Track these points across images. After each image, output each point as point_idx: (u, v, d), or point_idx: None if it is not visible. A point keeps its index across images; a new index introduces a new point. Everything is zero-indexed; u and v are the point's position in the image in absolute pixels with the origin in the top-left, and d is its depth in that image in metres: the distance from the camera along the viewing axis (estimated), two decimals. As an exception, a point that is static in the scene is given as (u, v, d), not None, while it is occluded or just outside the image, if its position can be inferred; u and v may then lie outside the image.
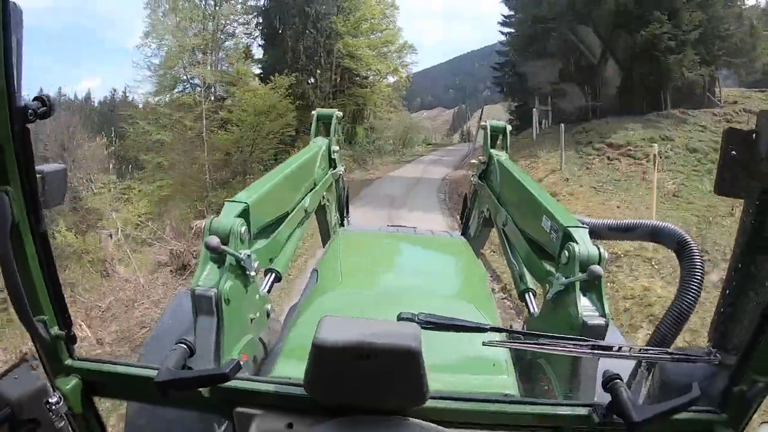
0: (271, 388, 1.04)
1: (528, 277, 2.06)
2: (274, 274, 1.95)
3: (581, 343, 1.10)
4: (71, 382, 1.04)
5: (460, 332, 1.08)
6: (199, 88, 24.16)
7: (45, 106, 0.85)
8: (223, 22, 27.48)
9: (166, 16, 24.87)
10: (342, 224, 3.46)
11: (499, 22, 28.71)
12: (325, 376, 0.90)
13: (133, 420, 1.59)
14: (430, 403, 0.96)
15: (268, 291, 1.88)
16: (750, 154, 1.01)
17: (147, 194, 21.62)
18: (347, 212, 3.62)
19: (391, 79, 32.34)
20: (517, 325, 2.32)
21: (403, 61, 32.03)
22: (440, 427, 0.96)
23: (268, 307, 1.79)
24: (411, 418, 0.96)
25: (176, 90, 25.74)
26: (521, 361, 1.64)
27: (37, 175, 0.91)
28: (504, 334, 1.43)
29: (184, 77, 25.68)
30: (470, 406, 1.04)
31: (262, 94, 21.06)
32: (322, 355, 0.85)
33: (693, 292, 1.33)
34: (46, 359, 1.03)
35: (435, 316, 1.05)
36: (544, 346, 1.11)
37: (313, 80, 28.50)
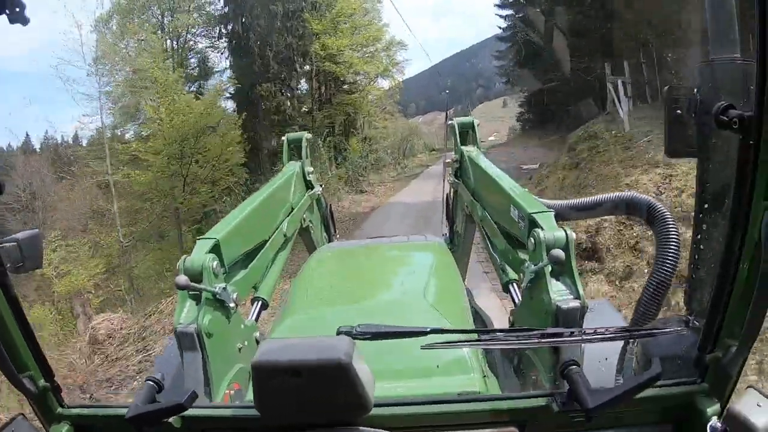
0: (229, 412, 1.09)
1: (509, 268, 2.02)
2: (260, 302, 2.06)
3: (528, 333, 1.09)
4: (63, 429, 1.09)
5: (397, 339, 1.08)
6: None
7: None
8: (186, 36, 23.36)
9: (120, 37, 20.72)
10: (330, 241, 3.44)
11: (496, 5, 25.01)
12: (269, 396, 0.93)
13: None
14: (380, 411, 0.97)
15: (256, 319, 1.98)
16: (695, 110, 0.98)
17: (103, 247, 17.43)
18: (335, 229, 3.61)
19: (384, 84, 28.30)
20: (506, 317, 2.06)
21: (393, 59, 27.69)
22: None
23: (257, 334, 1.84)
24: (360, 427, 0.95)
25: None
26: (516, 356, 1.67)
27: (13, 243, 0.99)
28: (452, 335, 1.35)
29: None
30: (423, 409, 1.03)
31: (186, 108, 16.50)
32: (260, 377, 0.90)
33: (670, 261, 1.33)
34: (38, 410, 1.08)
35: (373, 325, 1.04)
36: (487, 343, 1.13)
37: (289, 91, 24.12)
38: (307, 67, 24.58)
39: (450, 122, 3.12)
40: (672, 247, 1.32)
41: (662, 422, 1.04)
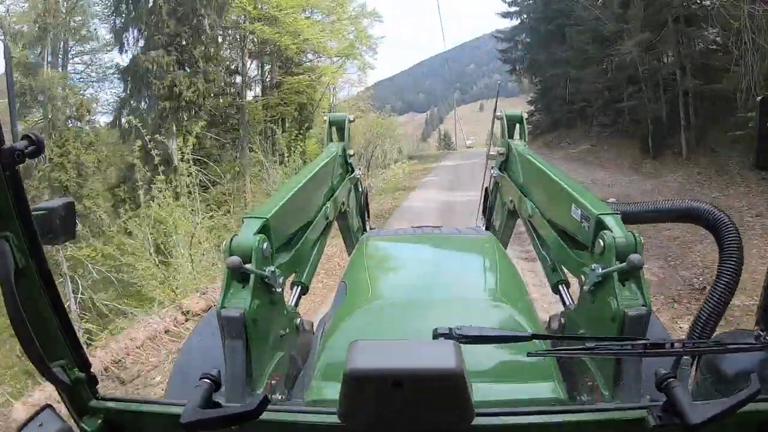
0: (303, 418, 1.00)
1: (559, 268, 1.92)
2: (300, 287, 1.93)
3: (630, 343, 1.05)
4: (96, 424, 1.01)
5: (501, 343, 1.03)
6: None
7: (34, 145, 0.82)
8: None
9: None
10: (364, 229, 3.26)
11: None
12: (361, 406, 0.84)
13: None
14: (478, 421, 0.88)
15: (296, 304, 1.88)
16: None
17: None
18: (368, 216, 3.45)
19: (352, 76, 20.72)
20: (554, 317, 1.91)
21: (363, 33, 19.87)
22: None
23: (298, 321, 1.76)
24: None
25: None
26: (563, 358, 1.57)
27: (44, 212, 0.91)
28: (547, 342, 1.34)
29: None
30: (518, 419, 0.97)
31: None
32: (355, 385, 0.80)
33: (732, 275, 1.29)
34: (69, 403, 1.00)
35: (472, 328, 0.97)
36: (591, 351, 1.05)
37: (194, 63, 15.91)
38: (228, 31, 16.44)
39: (498, 114, 2.95)
40: (735, 258, 1.28)
41: None
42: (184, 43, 15.37)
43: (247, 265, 1.34)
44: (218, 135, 17.21)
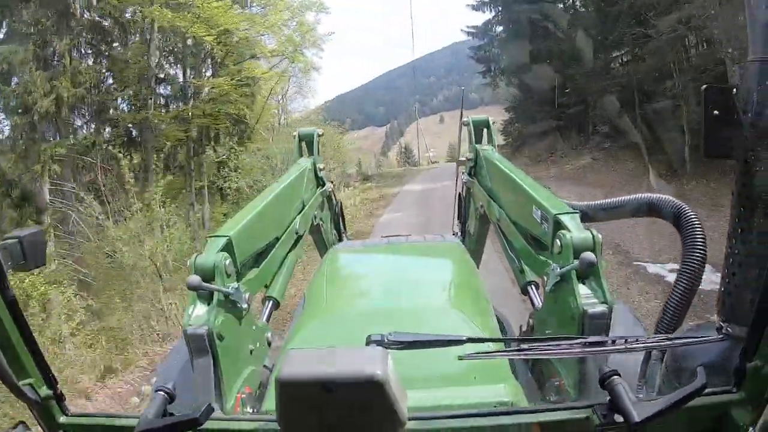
0: (246, 426, 1.03)
1: (528, 270, 1.93)
2: (271, 302, 1.94)
3: (571, 341, 1.06)
4: None
5: (433, 348, 1.04)
6: None
7: None
8: None
9: None
10: (340, 240, 3.35)
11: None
12: (296, 411, 0.85)
13: None
14: (413, 425, 0.91)
15: (267, 319, 1.86)
16: (733, 110, 0.96)
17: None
18: (344, 228, 3.52)
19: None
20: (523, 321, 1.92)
21: (305, 27, 15.72)
22: None
23: (268, 335, 1.75)
24: None
25: None
26: (534, 359, 1.61)
27: (14, 240, 0.96)
28: (487, 343, 1.36)
29: None
30: (459, 423, 0.98)
31: None
32: (287, 392, 0.82)
33: (696, 267, 1.27)
34: (40, 419, 1.02)
35: (406, 334, 0.99)
36: (524, 351, 1.07)
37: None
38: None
39: (465, 120, 3.04)
40: (699, 251, 1.26)
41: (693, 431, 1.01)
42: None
43: (210, 284, 1.37)
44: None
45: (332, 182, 3.22)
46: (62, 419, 1.05)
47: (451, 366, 1.27)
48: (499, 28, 21.73)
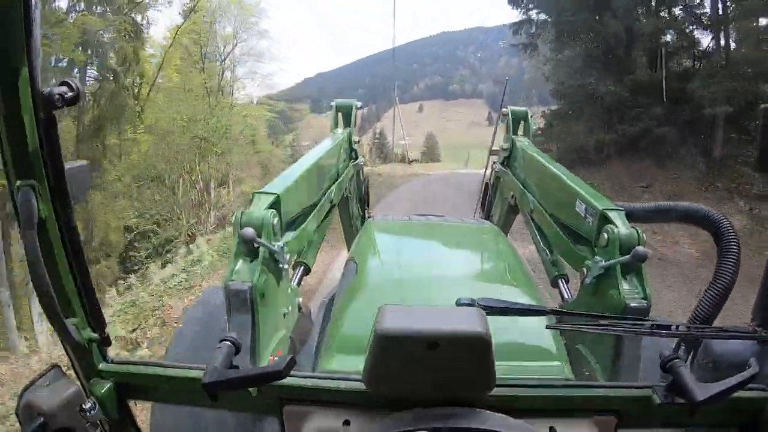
0: (323, 383, 0.98)
1: (559, 263, 1.97)
2: (302, 267, 1.93)
3: (640, 323, 1.06)
4: (105, 387, 0.98)
5: (521, 316, 1.04)
6: None
7: (73, 91, 0.76)
8: None
9: None
10: (363, 215, 3.34)
11: None
12: (390, 369, 0.83)
13: (159, 421, 1.51)
14: (495, 392, 0.90)
15: (298, 284, 1.83)
16: None
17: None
18: (368, 205, 3.54)
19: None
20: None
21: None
22: (505, 416, 0.89)
23: (299, 300, 1.72)
24: (477, 409, 0.88)
25: None
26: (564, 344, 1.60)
27: None
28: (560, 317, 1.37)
29: None
30: (532, 392, 0.99)
31: None
32: (386, 347, 0.79)
33: (730, 273, 1.31)
34: (78, 364, 0.97)
35: (494, 300, 0.98)
36: (606, 327, 1.06)
37: None
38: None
39: (503, 110, 3.02)
40: (733, 260, 1.31)
41: (728, 426, 1.03)
42: None
43: (259, 239, 1.31)
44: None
45: (364, 156, 3.14)
46: (102, 365, 0.98)
47: (515, 341, 1.31)
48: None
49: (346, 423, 0.93)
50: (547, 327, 1.09)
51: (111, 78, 15.04)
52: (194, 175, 17.18)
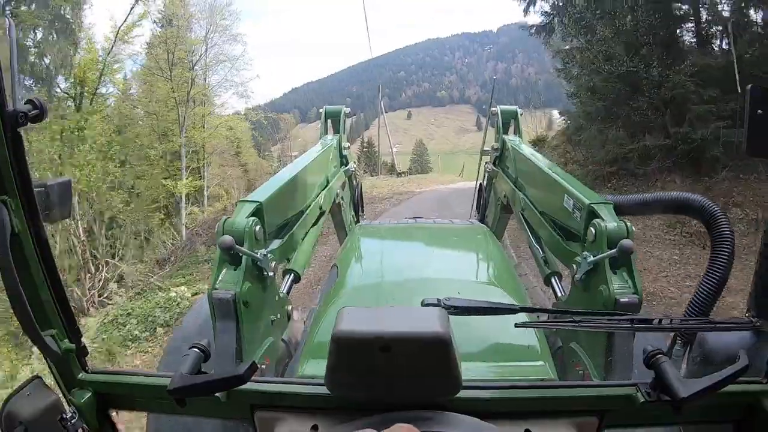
0: (291, 389, 0.98)
1: (552, 261, 1.97)
2: (292, 275, 1.90)
3: (617, 317, 1.05)
4: (85, 396, 0.99)
5: (488, 315, 1.02)
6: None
7: (37, 109, 0.80)
8: None
9: None
10: (357, 221, 3.34)
11: None
12: (347, 372, 0.83)
13: (153, 428, 1.57)
14: (463, 393, 0.88)
15: (288, 292, 1.83)
16: None
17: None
18: (362, 209, 3.54)
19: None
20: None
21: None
22: (476, 419, 0.87)
23: (289, 308, 1.74)
24: (444, 411, 0.87)
25: None
26: (553, 347, 1.56)
27: (41, 189, 0.90)
28: (536, 315, 1.34)
29: None
30: (507, 393, 0.97)
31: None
32: (342, 349, 0.79)
33: (724, 263, 1.31)
34: (57, 374, 0.99)
35: (461, 299, 0.97)
36: (579, 324, 1.03)
37: None
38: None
39: (493, 109, 3.03)
40: (727, 249, 1.31)
41: (723, 420, 1.02)
42: None
43: (239, 247, 1.32)
44: None
45: (355, 162, 3.17)
46: (81, 375, 1.00)
47: (494, 341, 1.33)
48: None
49: (314, 428, 0.93)
50: (516, 325, 1.03)
51: (43, 86, 13.28)
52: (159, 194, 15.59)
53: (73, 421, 0.93)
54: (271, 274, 1.47)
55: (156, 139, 17.72)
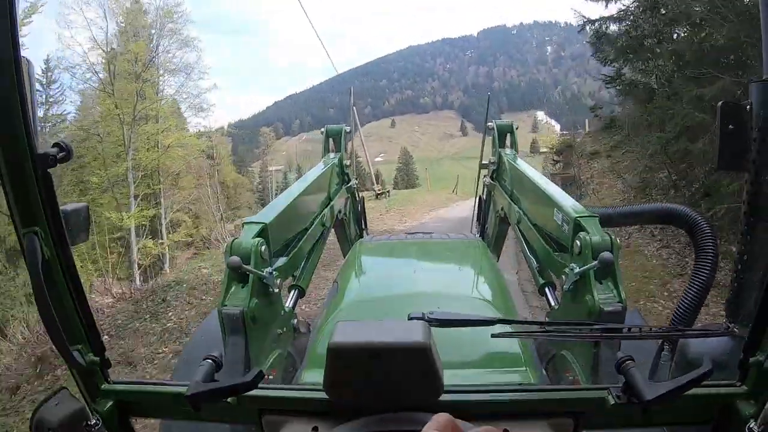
0: (295, 394, 1.08)
1: (546, 271, 2.04)
2: (297, 290, 2.00)
3: (592, 327, 1.14)
4: (107, 405, 1.07)
5: (467, 327, 1.12)
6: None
7: (64, 152, 0.88)
8: None
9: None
10: (361, 236, 3.46)
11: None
12: (342, 379, 0.92)
13: None
14: (447, 397, 0.97)
15: (293, 306, 1.92)
16: (745, 126, 1.02)
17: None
18: (365, 224, 3.67)
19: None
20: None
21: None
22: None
23: (294, 322, 1.84)
24: (430, 413, 0.88)
25: None
26: (546, 354, 1.68)
27: (61, 214, 0.97)
28: (516, 327, 1.47)
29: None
30: (487, 396, 1.05)
31: None
32: (337, 358, 0.88)
33: (708, 270, 1.38)
34: (83, 385, 1.06)
35: (444, 313, 1.06)
36: (553, 335, 1.13)
37: None
38: None
39: (489, 124, 3.12)
40: (710, 257, 1.33)
41: (700, 423, 1.05)
42: None
43: (246, 266, 1.42)
44: None
45: (356, 179, 3.28)
46: (104, 386, 1.07)
47: (479, 350, 1.46)
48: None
49: (315, 429, 1.01)
50: (492, 336, 1.11)
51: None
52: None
53: (97, 428, 1.01)
54: (276, 290, 1.58)
55: (101, 164, 15.18)
